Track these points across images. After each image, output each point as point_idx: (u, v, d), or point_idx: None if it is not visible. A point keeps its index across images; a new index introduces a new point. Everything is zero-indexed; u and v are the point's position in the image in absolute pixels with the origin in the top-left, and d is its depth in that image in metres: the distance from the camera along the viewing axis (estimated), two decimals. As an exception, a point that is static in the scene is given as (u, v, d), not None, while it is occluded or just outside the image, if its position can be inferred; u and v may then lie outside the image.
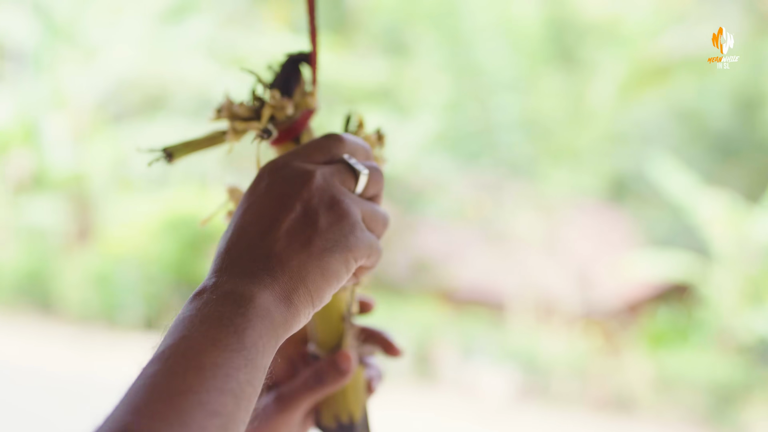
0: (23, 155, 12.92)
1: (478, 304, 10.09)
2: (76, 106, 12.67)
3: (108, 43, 11.72)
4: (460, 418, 8.58)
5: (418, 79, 10.87)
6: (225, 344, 0.55)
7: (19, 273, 11.32)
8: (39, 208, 12.52)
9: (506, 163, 10.48)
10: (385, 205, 0.69)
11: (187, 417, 0.51)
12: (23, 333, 10.79)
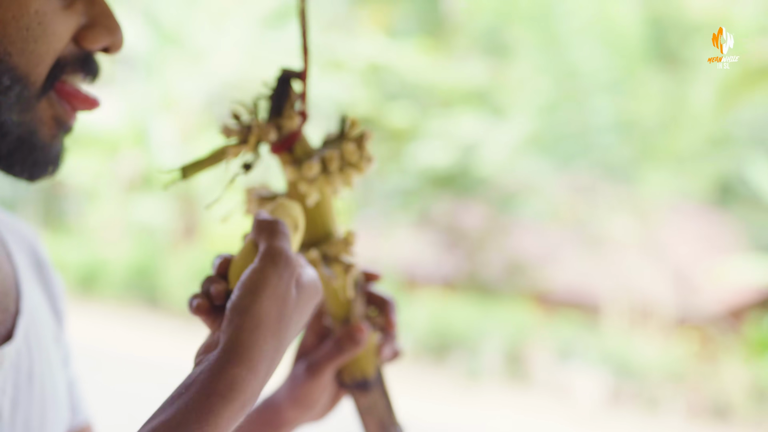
0: (133, 156, 13.57)
1: (573, 307, 10.05)
2: (183, 108, 13.22)
3: (213, 47, 12.18)
4: (553, 421, 8.58)
5: (515, 81, 10.90)
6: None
7: (129, 268, 11.86)
8: (148, 207, 13.13)
9: (602, 165, 10.39)
10: (480, 205, 0.74)
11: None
12: (132, 324, 11.36)
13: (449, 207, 10.67)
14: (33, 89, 0.71)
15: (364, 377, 0.90)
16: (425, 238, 11.10)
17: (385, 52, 10.34)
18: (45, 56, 0.70)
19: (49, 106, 0.73)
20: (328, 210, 0.86)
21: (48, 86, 0.71)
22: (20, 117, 0.71)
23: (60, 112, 0.74)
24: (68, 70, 0.72)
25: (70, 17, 0.71)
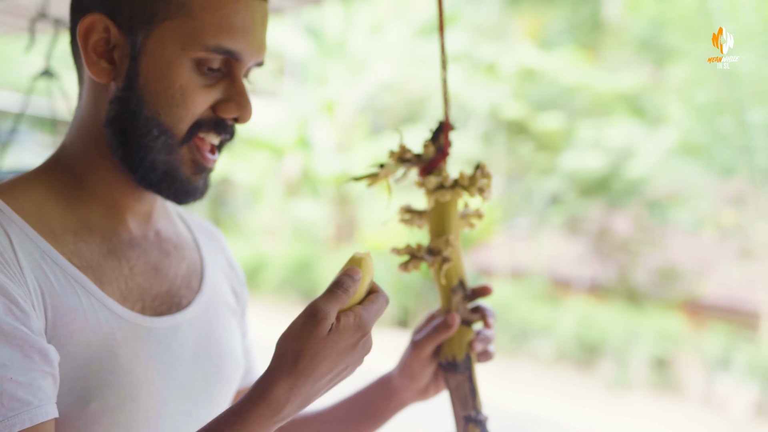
0: (295, 159, 14.30)
1: (725, 316, 9.77)
2: (342, 115, 13.81)
3: (371, 57, 12.65)
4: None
5: (671, 86, 10.71)
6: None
7: (290, 265, 12.46)
8: (307, 207, 13.78)
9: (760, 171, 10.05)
10: (631, 212, 0.90)
11: None
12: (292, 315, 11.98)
13: (600, 213, 10.63)
14: (175, 139, 0.97)
15: (454, 359, 1.17)
16: (575, 244, 11.10)
17: (538, 58, 10.43)
18: (185, 118, 0.97)
19: (188, 152, 1.00)
20: (445, 217, 1.15)
21: (187, 138, 0.98)
22: (165, 158, 0.98)
23: (197, 157, 1.00)
24: (204, 129, 0.99)
25: (210, 93, 0.98)
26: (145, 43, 0.95)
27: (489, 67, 11.51)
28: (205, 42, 0.94)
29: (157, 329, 0.98)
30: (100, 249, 0.97)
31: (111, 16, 0.95)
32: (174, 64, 0.94)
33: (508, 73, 10.64)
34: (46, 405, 0.84)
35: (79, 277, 0.93)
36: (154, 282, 1.02)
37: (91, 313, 0.92)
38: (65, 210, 0.97)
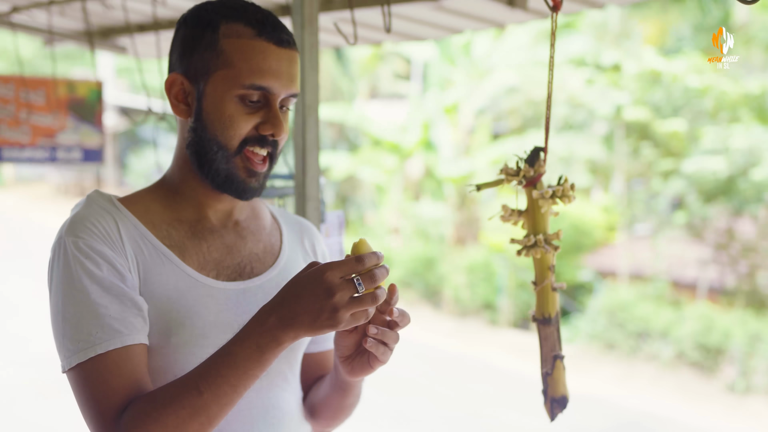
0: (419, 160, 14.72)
1: None
2: (464, 118, 14.13)
3: (493, 61, 12.90)
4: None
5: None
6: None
7: (412, 263, 12.84)
8: (430, 207, 14.17)
9: None
10: (756, 216, 1.11)
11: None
12: (412, 313, 12.38)
13: (723, 217, 10.54)
14: (229, 153, 1.34)
15: (549, 316, 1.53)
16: (697, 247, 11.04)
17: (662, 62, 10.44)
18: (234, 137, 1.33)
19: (241, 162, 1.35)
20: (542, 217, 1.52)
21: (238, 151, 1.34)
22: (225, 166, 1.35)
23: (248, 165, 1.36)
24: (251, 144, 1.35)
25: (252, 118, 1.34)
26: (205, 89, 1.32)
27: (612, 71, 11.58)
28: (243, 82, 1.30)
29: (226, 290, 1.35)
30: (186, 234, 1.37)
31: (184, 74, 1.34)
32: (224, 100, 1.31)
33: (631, 77, 10.68)
34: (134, 334, 1.24)
35: (167, 252, 1.32)
36: (227, 257, 1.39)
37: (172, 276, 1.31)
38: (164, 209, 1.37)
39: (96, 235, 1.27)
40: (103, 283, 1.24)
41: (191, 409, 1.16)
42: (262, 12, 1.34)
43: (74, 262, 1.24)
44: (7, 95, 3.35)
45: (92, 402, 1.20)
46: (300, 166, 1.77)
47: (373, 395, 8.15)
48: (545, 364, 1.53)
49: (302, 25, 1.69)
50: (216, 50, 1.30)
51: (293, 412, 1.45)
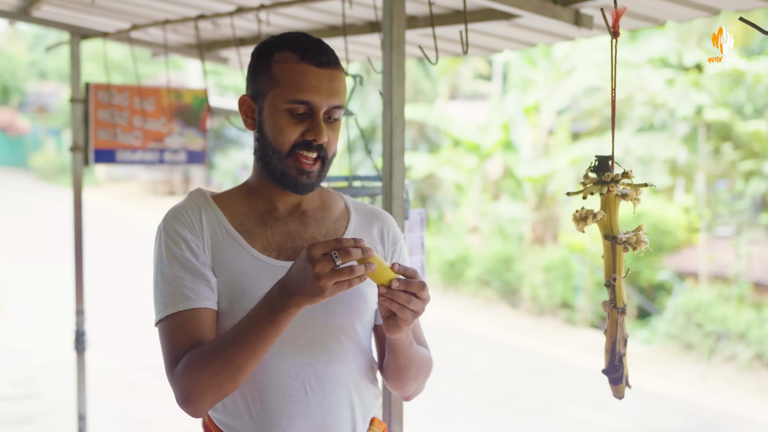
0: (498, 160, 14.88)
1: None
2: (544, 118, 14.22)
3: (573, 63, 12.96)
4: None
5: None
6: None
7: (490, 262, 12.99)
8: (509, 207, 14.30)
9: None
10: None
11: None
12: (490, 311, 12.56)
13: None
14: (282, 155, 1.62)
15: (624, 304, 1.74)
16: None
17: (745, 63, 10.35)
18: (284, 142, 1.59)
19: (293, 162, 1.62)
20: (615, 218, 1.73)
21: (290, 154, 1.61)
22: (279, 167, 1.63)
23: (299, 165, 1.62)
24: (299, 148, 1.61)
25: (299, 127, 1.60)
26: (263, 106, 1.62)
27: (693, 71, 11.52)
28: (289, 98, 1.58)
29: (284, 267, 1.60)
30: (256, 222, 1.65)
31: (250, 95, 1.66)
32: (275, 113, 1.60)
33: (712, 77, 10.61)
34: (202, 301, 1.56)
35: (237, 236, 1.62)
36: (288, 240, 1.65)
37: (238, 255, 1.60)
38: (243, 202, 1.67)
39: (182, 222, 1.62)
40: (181, 260, 1.58)
41: (223, 360, 1.46)
42: (308, 40, 1.61)
43: (164, 243, 1.61)
44: (122, 103, 3.73)
45: (164, 350, 1.57)
46: (387, 169, 2.03)
47: (447, 390, 8.38)
48: (620, 347, 1.73)
49: (390, 46, 1.95)
50: (269, 74, 1.60)
51: (345, 382, 1.64)
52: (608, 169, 1.69)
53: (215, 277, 1.59)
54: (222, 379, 1.47)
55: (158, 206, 22.41)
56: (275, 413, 1.58)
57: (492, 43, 3.00)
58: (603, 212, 1.64)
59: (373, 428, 1.71)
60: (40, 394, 7.21)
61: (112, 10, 3.24)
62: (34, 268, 13.38)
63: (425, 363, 1.74)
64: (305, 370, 1.60)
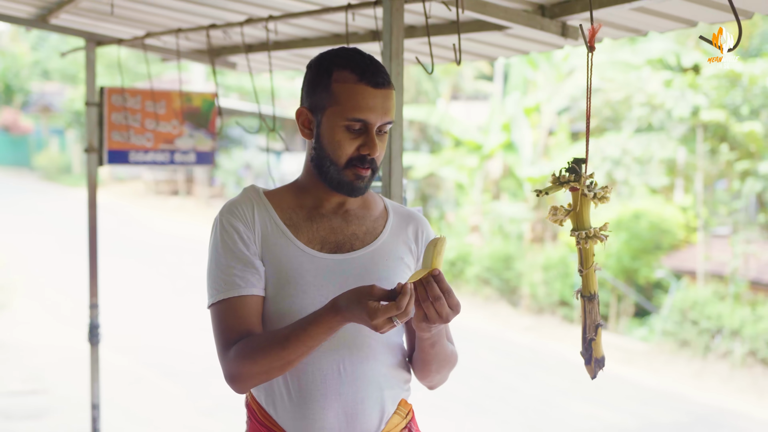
0: (499, 160, 15.05)
1: None
2: (544, 120, 14.40)
3: (572, 64, 13.13)
4: None
5: None
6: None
7: (490, 261, 13.14)
8: (509, 206, 14.46)
9: None
10: None
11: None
12: (490, 309, 12.72)
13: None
14: (339, 166, 1.78)
15: (595, 293, 1.90)
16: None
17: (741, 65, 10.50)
18: (342, 155, 1.75)
19: (351, 171, 1.78)
20: (586, 214, 1.89)
21: (348, 166, 1.77)
22: (336, 176, 1.79)
23: (356, 174, 1.78)
24: (355, 162, 1.77)
25: (354, 142, 1.76)
26: (321, 120, 1.76)
27: (691, 72, 11.67)
28: (347, 116, 1.73)
29: (326, 259, 1.78)
30: (303, 217, 1.82)
31: (308, 107, 1.80)
32: (334, 129, 1.75)
33: (709, 78, 10.76)
34: (250, 288, 1.73)
35: (285, 230, 1.79)
36: (331, 235, 1.81)
37: (285, 247, 1.77)
38: (293, 199, 1.83)
39: (236, 215, 1.79)
40: (233, 250, 1.76)
41: (276, 356, 1.66)
42: (365, 60, 1.76)
43: (219, 233, 1.79)
44: (135, 106, 3.90)
45: (216, 333, 1.75)
46: (387, 170, 2.21)
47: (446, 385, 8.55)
48: (590, 332, 1.90)
49: (390, 57, 2.13)
50: (329, 91, 1.75)
51: (376, 377, 1.80)
52: (580, 171, 1.86)
53: (264, 265, 1.77)
54: (271, 369, 1.68)
55: (162, 205, 22.59)
56: (311, 392, 1.75)
57: (487, 50, 3.17)
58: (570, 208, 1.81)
59: (400, 408, 1.88)
60: (50, 390, 7.38)
61: (128, 18, 3.42)
62: (40, 266, 13.57)
63: (449, 359, 1.94)
64: (340, 353, 1.76)
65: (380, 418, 1.81)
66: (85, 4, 3.11)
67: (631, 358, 10.20)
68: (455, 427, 7.31)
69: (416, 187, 16.63)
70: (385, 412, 1.83)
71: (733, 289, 10.49)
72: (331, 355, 1.76)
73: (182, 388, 7.57)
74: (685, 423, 7.98)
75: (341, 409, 1.76)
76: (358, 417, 1.78)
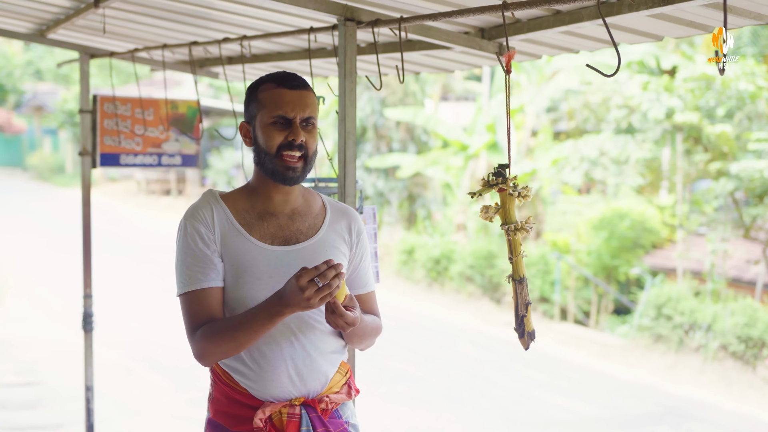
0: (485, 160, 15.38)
1: None
2: (528, 120, 14.74)
3: (555, 66, 13.46)
4: None
5: None
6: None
7: (474, 259, 13.43)
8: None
9: None
10: None
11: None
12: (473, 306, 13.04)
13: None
14: (272, 156, 2.12)
15: (523, 277, 2.22)
16: (751, 247, 11.42)
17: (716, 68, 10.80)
18: (273, 145, 2.09)
19: (279, 161, 2.12)
20: (511, 211, 2.20)
21: (278, 155, 2.11)
22: (270, 165, 2.13)
23: (285, 163, 2.12)
24: (284, 149, 2.11)
25: (282, 134, 2.10)
26: (255, 125, 2.12)
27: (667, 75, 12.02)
28: (271, 114, 2.09)
29: (276, 251, 2.11)
30: (255, 217, 2.13)
31: (246, 120, 2.16)
32: (264, 127, 2.10)
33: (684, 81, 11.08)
34: (210, 281, 2.07)
35: (240, 228, 2.11)
36: (279, 231, 2.13)
37: (241, 243, 2.09)
38: (245, 200, 2.15)
39: (198, 219, 2.13)
40: (194, 250, 2.10)
41: (231, 338, 2.03)
42: (284, 73, 2.16)
43: (183, 236, 2.13)
44: (125, 113, 4.25)
45: (185, 319, 2.11)
46: (342, 173, 2.55)
47: (428, 378, 8.88)
48: (521, 310, 2.22)
49: (345, 75, 2.47)
50: (257, 101, 2.14)
51: (320, 345, 2.15)
52: (505, 174, 2.19)
53: (223, 260, 2.10)
54: (228, 348, 2.06)
55: (153, 205, 22.86)
56: (268, 358, 2.10)
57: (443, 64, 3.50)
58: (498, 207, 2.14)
59: (340, 368, 2.24)
60: (43, 382, 7.68)
61: (119, 34, 3.75)
62: (32, 265, 13.84)
63: (369, 332, 2.27)
64: (291, 328, 2.11)
65: (325, 376, 2.17)
66: (80, 21, 3.43)
67: (607, 353, 10.55)
68: (435, 417, 7.63)
69: (403, 186, 16.95)
70: (329, 371, 2.18)
71: (711, 286, 10.84)
72: (285, 328, 2.11)
73: (170, 381, 7.88)
74: (655, 414, 8.32)
75: (294, 371, 2.11)
76: (306, 376, 2.13)
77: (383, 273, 14.87)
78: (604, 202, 13.65)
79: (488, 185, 2.21)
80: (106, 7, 2.99)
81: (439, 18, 2.25)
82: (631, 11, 2.13)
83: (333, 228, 2.24)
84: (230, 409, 2.15)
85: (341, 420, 2.21)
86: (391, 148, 16.84)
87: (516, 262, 2.19)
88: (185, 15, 3.18)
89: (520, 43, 2.87)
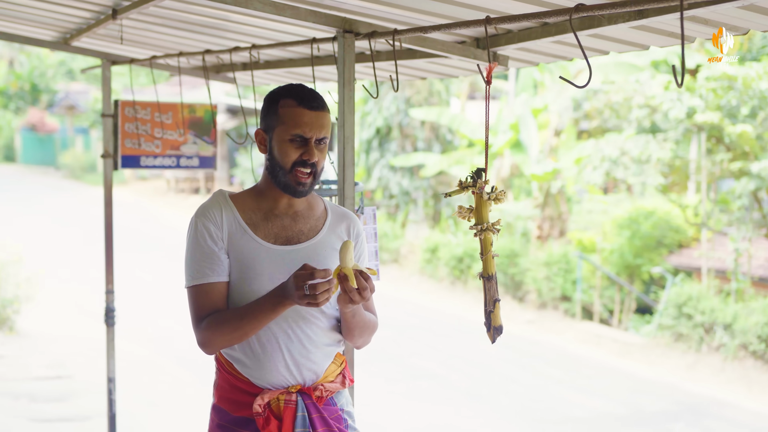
0: (508, 159, 15.46)
1: None
2: (552, 119, 14.78)
3: (577, 66, 13.50)
4: None
5: None
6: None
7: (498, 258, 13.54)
8: (517, 204, 14.88)
9: None
10: None
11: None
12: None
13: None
14: (286, 171, 2.26)
15: (493, 274, 2.35)
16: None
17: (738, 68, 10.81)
18: (288, 161, 2.23)
19: (292, 176, 2.26)
20: (484, 212, 2.33)
21: (291, 170, 2.25)
22: (283, 179, 2.27)
23: (297, 179, 2.26)
24: (298, 166, 2.25)
25: (297, 151, 2.24)
26: (272, 136, 2.24)
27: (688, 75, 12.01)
28: (290, 132, 2.21)
29: (279, 250, 2.25)
30: (261, 217, 2.27)
31: (263, 129, 2.28)
32: (281, 143, 2.22)
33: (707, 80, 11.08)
34: (217, 276, 2.22)
35: (246, 228, 2.24)
36: (282, 232, 2.27)
37: (246, 241, 2.23)
38: (252, 201, 2.28)
39: (208, 217, 2.27)
40: (203, 246, 2.25)
41: (235, 328, 2.19)
42: (304, 90, 2.26)
43: (193, 232, 2.27)
44: (145, 117, 4.45)
45: (191, 310, 2.26)
46: (341, 177, 2.70)
47: (448, 375, 9.01)
48: (488, 306, 2.35)
49: (343, 84, 2.62)
50: (277, 115, 2.25)
51: (316, 337, 2.29)
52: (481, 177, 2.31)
53: (229, 257, 2.24)
54: (232, 338, 2.22)
55: (182, 203, 23.18)
56: (266, 349, 2.25)
57: (446, 70, 3.64)
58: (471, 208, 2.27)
59: (336, 359, 2.37)
60: (72, 375, 7.92)
61: (138, 42, 3.94)
62: (63, 261, 14.14)
63: (368, 326, 2.40)
64: (288, 321, 2.25)
65: (320, 366, 2.31)
66: (100, 30, 3.62)
67: (627, 351, 10.60)
68: (454, 413, 7.76)
69: (428, 185, 17.08)
70: (324, 362, 2.32)
71: (735, 285, 10.83)
72: (282, 322, 2.26)
73: (195, 375, 8.08)
74: (673, 412, 8.38)
75: (291, 361, 2.26)
76: (302, 366, 2.28)
77: (407, 272, 15.03)
78: (630, 201, 13.67)
79: (463, 187, 2.34)
80: (123, 18, 3.16)
81: (429, 31, 2.38)
82: (610, 24, 2.25)
83: (333, 230, 2.38)
84: (232, 396, 2.31)
85: (336, 407, 2.35)
86: (416, 147, 16.97)
87: (486, 260, 2.32)
88: (199, 25, 3.36)
89: (515, 52, 3.00)
